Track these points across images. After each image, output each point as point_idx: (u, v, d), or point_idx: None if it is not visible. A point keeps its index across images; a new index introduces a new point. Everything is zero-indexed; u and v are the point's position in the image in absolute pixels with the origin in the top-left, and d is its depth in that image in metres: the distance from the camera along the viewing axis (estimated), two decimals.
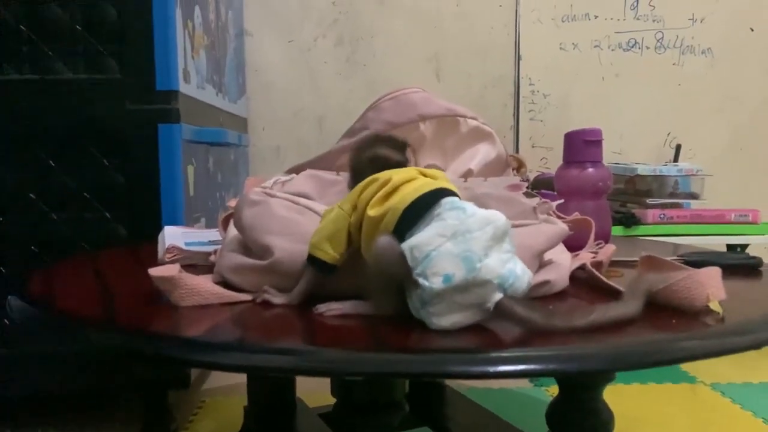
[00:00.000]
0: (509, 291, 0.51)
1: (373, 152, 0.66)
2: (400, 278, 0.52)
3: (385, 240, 0.55)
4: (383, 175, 0.60)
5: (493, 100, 2.23)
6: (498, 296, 0.51)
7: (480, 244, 0.52)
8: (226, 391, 1.58)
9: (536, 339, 0.50)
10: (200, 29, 1.48)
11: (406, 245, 0.53)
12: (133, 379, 1.30)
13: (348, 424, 0.69)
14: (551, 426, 0.86)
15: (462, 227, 0.52)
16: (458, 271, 0.50)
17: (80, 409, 1.42)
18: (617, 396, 1.56)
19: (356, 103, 0.93)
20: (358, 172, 0.65)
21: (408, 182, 0.59)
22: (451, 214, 0.54)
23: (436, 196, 0.56)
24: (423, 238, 0.53)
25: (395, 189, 0.59)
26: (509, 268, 0.52)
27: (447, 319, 0.52)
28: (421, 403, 1.18)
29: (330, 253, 0.60)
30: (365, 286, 0.58)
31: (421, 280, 0.51)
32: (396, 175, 0.60)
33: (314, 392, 1.03)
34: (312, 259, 0.61)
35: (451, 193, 0.57)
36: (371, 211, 0.58)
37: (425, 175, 0.61)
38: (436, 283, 0.50)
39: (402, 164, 0.65)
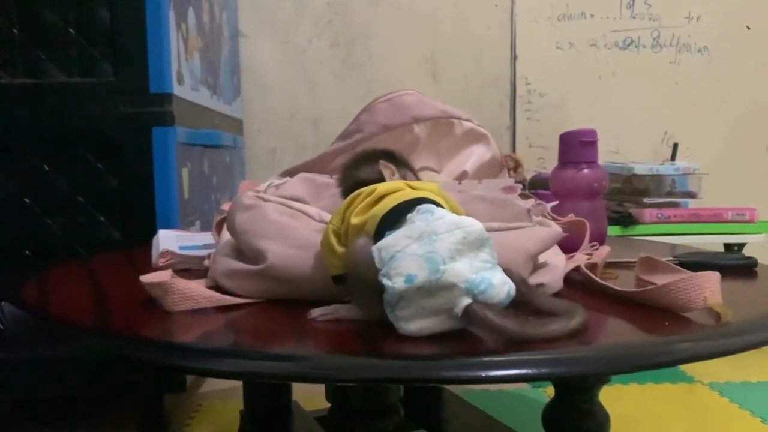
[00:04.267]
0: (480, 298, 0.50)
1: (356, 177, 0.66)
2: (376, 281, 0.52)
3: (360, 242, 0.56)
4: (369, 188, 0.61)
5: (490, 100, 2.23)
6: (466, 301, 0.50)
7: (446, 247, 0.51)
8: (223, 394, 1.58)
9: (528, 343, 0.50)
10: (194, 31, 1.47)
11: (375, 247, 0.53)
12: (129, 384, 1.30)
13: (343, 429, 0.69)
14: (547, 428, 0.86)
15: (428, 229, 0.52)
16: (421, 272, 0.50)
17: (75, 414, 1.42)
18: (615, 396, 1.57)
19: (352, 104, 0.93)
20: (345, 193, 0.66)
21: (392, 193, 0.59)
22: (420, 217, 0.54)
23: (415, 204, 0.56)
24: (390, 240, 0.53)
25: (379, 199, 0.59)
26: (483, 276, 0.51)
27: (415, 324, 0.51)
28: (418, 406, 1.17)
29: (335, 264, 0.61)
30: (351, 291, 0.58)
31: (384, 281, 0.51)
32: (382, 186, 0.60)
33: (311, 396, 1.03)
34: (334, 279, 0.61)
35: (433, 203, 0.57)
36: (354, 220, 0.58)
37: (412, 188, 0.61)
38: (398, 283, 0.50)
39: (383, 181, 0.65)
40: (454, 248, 0.51)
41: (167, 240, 0.92)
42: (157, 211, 1.25)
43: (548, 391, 1.53)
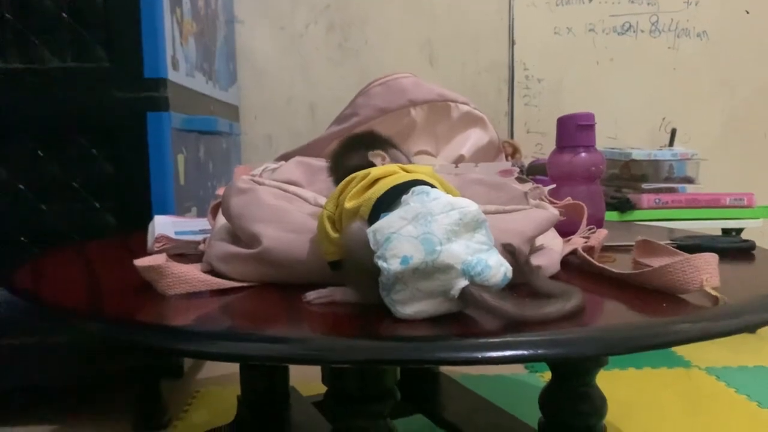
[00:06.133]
0: (477, 280, 0.50)
1: (348, 165, 0.65)
2: (371, 265, 0.52)
3: (354, 226, 0.55)
4: (363, 172, 0.60)
5: (488, 85, 2.22)
6: (462, 283, 0.50)
7: (442, 228, 0.50)
8: (221, 380, 1.58)
9: (525, 325, 0.49)
10: (189, 16, 1.46)
11: (370, 229, 0.53)
12: (126, 370, 1.30)
13: (338, 413, 0.68)
14: (544, 412, 0.86)
15: (423, 210, 0.52)
16: (417, 254, 0.49)
17: (72, 401, 1.42)
18: (612, 381, 1.57)
19: (349, 90, 0.92)
20: (337, 181, 0.65)
21: (387, 176, 0.58)
22: (415, 198, 0.54)
23: (410, 186, 0.56)
24: (385, 222, 0.52)
25: (373, 182, 0.58)
26: (479, 258, 0.50)
27: (411, 307, 0.51)
28: (415, 390, 1.18)
29: (330, 250, 0.60)
30: (346, 275, 0.58)
31: (380, 263, 0.50)
32: (375, 170, 0.60)
33: (308, 381, 1.03)
34: (330, 265, 0.61)
35: (428, 185, 0.56)
36: (348, 204, 0.58)
37: (406, 171, 0.60)
38: (393, 264, 0.50)
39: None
40: (450, 229, 0.51)
41: (163, 225, 0.92)
42: (152, 197, 1.25)
43: (545, 376, 1.53)
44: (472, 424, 1.06)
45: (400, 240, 0.51)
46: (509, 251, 0.61)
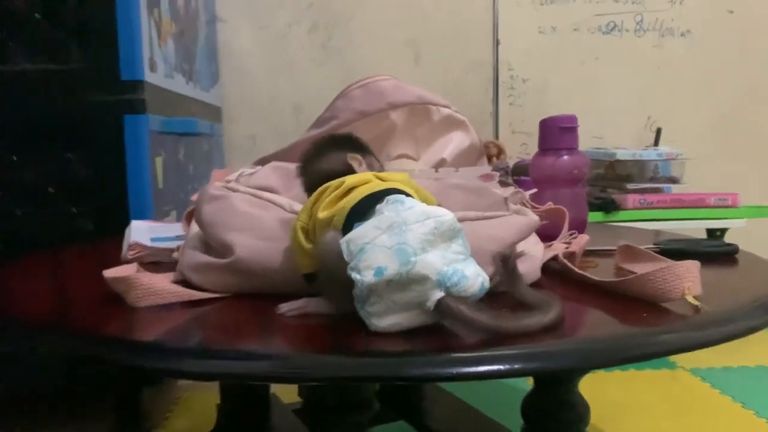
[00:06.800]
0: (453, 291, 0.48)
1: (320, 170, 0.63)
2: (346, 276, 0.50)
3: (328, 236, 0.54)
4: (337, 181, 0.59)
5: (473, 85, 2.21)
6: (438, 294, 0.48)
7: (417, 237, 0.49)
8: (203, 386, 1.55)
9: (503, 337, 0.48)
10: (167, 16, 1.44)
11: (343, 240, 0.51)
12: (106, 377, 1.27)
13: (316, 425, 0.67)
14: (526, 419, 0.85)
15: (398, 219, 0.50)
16: (391, 264, 0.48)
17: (50, 408, 1.39)
18: (598, 383, 1.56)
19: (333, 90, 0.91)
20: (309, 186, 0.64)
21: (361, 185, 0.57)
22: (389, 207, 0.52)
23: (385, 195, 0.54)
24: (359, 232, 0.51)
25: (347, 192, 0.57)
26: (455, 268, 0.49)
27: (387, 319, 0.49)
28: (397, 396, 1.16)
29: (305, 262, 0.58)
30: (320, 287, 0.56)
31: (354, 275, 0.49)
32: (350, 178, 0.58)
33: (290, 388, 1.01)
34: (305, 277, 0.59)
35: (403, 194, 0.55)
36: (321, 214, 0.56)
37: (381, 179, 0.59)
38: (367, 276, 0.48)
39: (349, 172, 0.62)
40: (425, 239, 0.49)
41: (139, 231, 0.90)
42: (130, 201, 1.22)
43: (530, 380, 1.52)
44: (455, 430, 1.05)
45: (375, 250, 0.49)
46: (501, 259, 0.59)
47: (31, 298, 0.69)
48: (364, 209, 0.54)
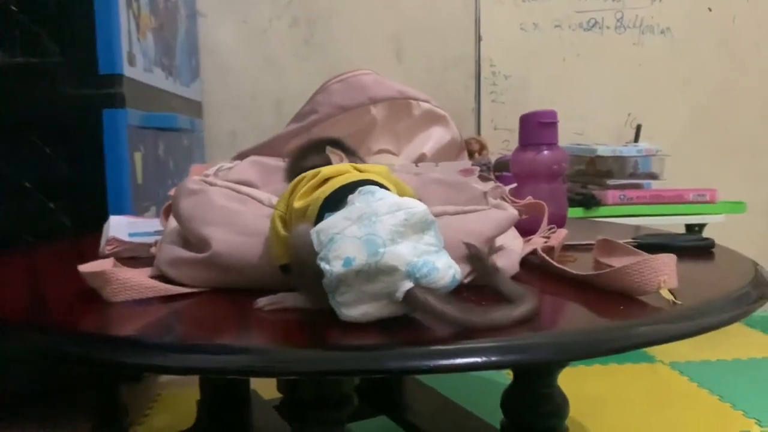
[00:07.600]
0: (423, 282, 0.48)
1: (303, 167, 0.63)
2: (317, 266, 0.50)
3: (301, 228, 0.54)
4: (313, 171, 0.59)
5: (455, 81, 2.21)
6: (407, 285, 0.48)
7: (386, 229, 0.49)
8: (183, 382, 1.55)
9: (476, 331, 0.48)
10: (146, 9, 1.42)
11: (314, 230, 0.51)
12: (84, 374, 1.26)
13: (295, 421, 0.67)
14: (506, 413, 0.85)
15: (368, 210, 0.50)
16: (360, 255, 0.48)
17: (28, 406, 1.37)
18: (578, 377, 1.57)
19: (315, 86, 0.90)
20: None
21: (337, 176, 0.57)
22: (360, 198, 0.52)
23: (359, 186, 0.54)
24: (329, 222, 0.50)
25: (323, 182, 0.56)
26: (426, 259, 0.49)
27: (356, 309, 0.49)
28: (377, 391, 1.16)
29: (280, 253, 0.58)
30: (295, 279, 0.56)
31: (323, 264, 0.49)
32: (326, 169, 0.58)
33: (270, 384, 1.01)
34: (281, 269, 0.59)
35: (379, 185, 0.55)
36: (297, 203, 0.56)
37: (359, 171, 0.58)
38: (336, 266, 0.48)
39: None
40: (396, 230, 0.49)
41: (117, 227, 0.89)
42: (108, 197, 1.21)
43: (510, 373, 1.53)
44: (436, 425, 1.05)
45: (344, 241, 0.49)
46: (473, 252, 0.59)
47: (5, 295, 0.68)
48: (338, 200, 0.53)
